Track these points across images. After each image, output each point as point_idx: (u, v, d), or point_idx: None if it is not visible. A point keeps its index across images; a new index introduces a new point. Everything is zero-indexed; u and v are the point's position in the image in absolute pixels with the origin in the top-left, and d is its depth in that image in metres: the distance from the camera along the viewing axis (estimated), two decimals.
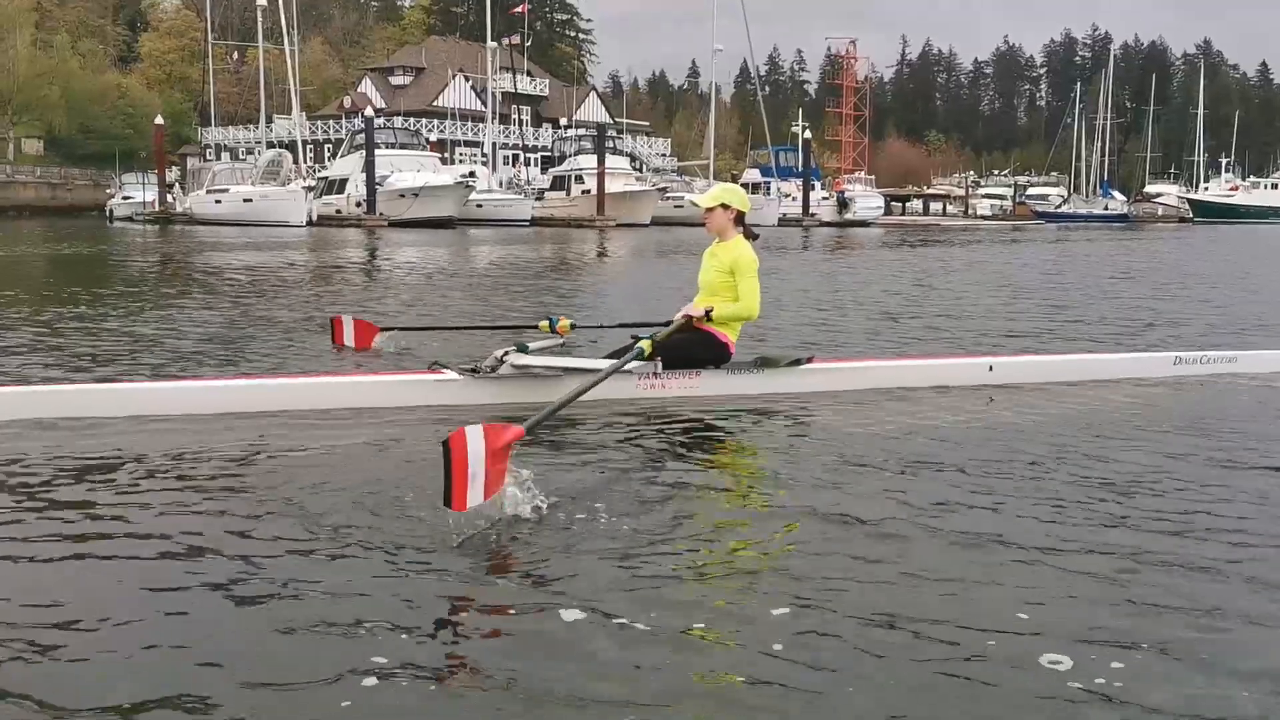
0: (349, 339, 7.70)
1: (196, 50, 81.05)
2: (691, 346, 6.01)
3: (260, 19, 54.15)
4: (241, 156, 64.56)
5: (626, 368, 5.44)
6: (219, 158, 65.26)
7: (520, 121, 68.05)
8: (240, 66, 71.08)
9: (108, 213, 55.30)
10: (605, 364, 5.52)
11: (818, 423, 5.62)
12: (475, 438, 3.50)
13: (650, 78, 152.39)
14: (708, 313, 5.93)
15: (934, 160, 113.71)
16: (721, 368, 6.09)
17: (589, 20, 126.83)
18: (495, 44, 58.13)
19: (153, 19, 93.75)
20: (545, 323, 6.56)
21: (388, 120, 56.61)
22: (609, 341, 6.70)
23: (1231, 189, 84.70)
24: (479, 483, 3.47)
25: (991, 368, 6.78)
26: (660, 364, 5.86)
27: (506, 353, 5.74)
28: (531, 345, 5.96)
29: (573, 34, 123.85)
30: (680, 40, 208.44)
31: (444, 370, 5.79)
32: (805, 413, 5.79)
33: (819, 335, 9.30)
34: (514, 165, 65.19)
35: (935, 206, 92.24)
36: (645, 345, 5.47)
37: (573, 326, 6.47)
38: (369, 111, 47.66)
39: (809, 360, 6.39)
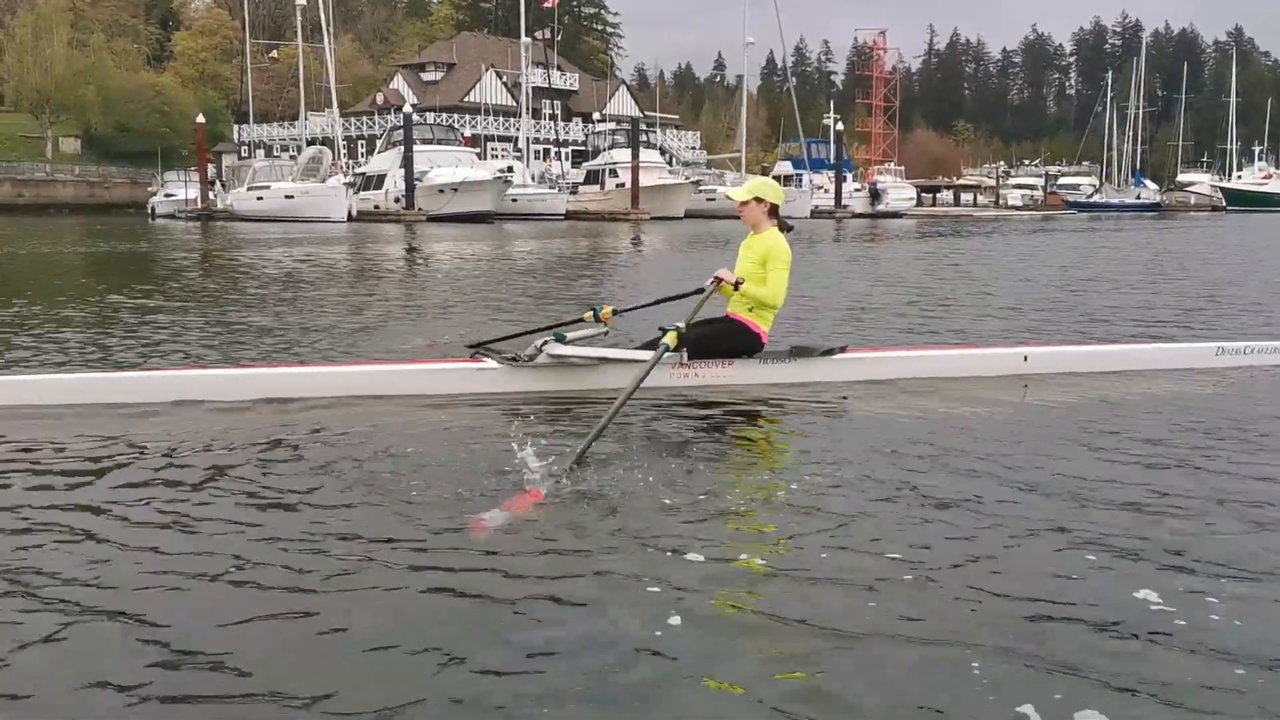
0: None
1: (229, 48, 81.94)
2: (724, 337, 6.08)
3: (300, 18, 54.78)
4: (276, 153, 65.18)
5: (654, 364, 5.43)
6: (253, 155, 65.94)
7: (554, 116, 68.38)
8: (273, 64, 71.82)
9: (149, 210, 56.02)
10: (636, 354, 5.67)
11: (851, 411, 5.61)
12: (496, 521, 3.53)
13: (676, 70, 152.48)
14: (738, 283, 6.00)
15: (963, 151, 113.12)
16: (754, 357, 6.15)
17: (616, 14, 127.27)
18: (529, 39, 58.44)
19: (185, 18, 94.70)
20: (589, 314, 6.61)
21: (421, 116, 57.07)
22: (649, 326, 6.73)
23: (1265, 177, 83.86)
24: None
25: (1026, 358, 6.70)
26: (685, 354, 5.87)
27: (545, 342, 5.86)
28: (571, 335, 6.05)
29: (600, 27, 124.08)
30: (705, 32, 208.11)
31: (485, 359, 5.97)
32: (838, 401, 5.78)
33: (853, 325, 9.26)
34: (545, 160, 65.57)
35: (966, 197, 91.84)
36: (670, 339, 5.50)
37: (615, 312, 6.51)
38: (407, 108, 48.09)
39: (843, 350, 6.39)
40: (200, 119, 52.28)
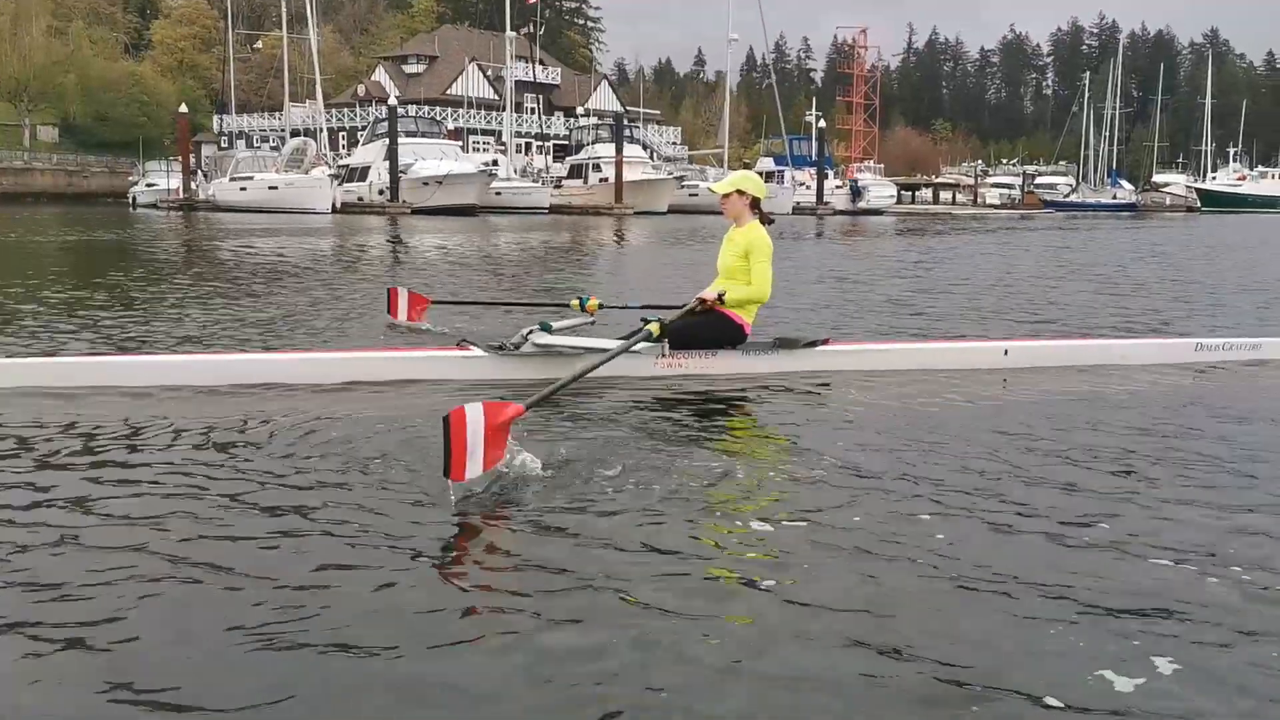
0: (402, 312, 8.07)
1: (208, 38, 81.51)
2: (707, 328, 6.14)
3: (285, 8, 54.65)
4: (257, 144, 64.90)
5: (635, 348, 5.64)
6: (234, 145, 65.65)
7: (538, 110, 68.44)
8: (253, 54, 71.49)
9: (130, 200, 55.79)
10: (616, 344, 5.72)
11: (832, 403, 5.64)
12: (475, 415, 3.68)
13: (656, 65, 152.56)
14: (720, 296, 6.11)
15: (941, 149, 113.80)
16: (737, 348, 6.22)
17: (598, 8, 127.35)
18: (514, 34, 58.49)
19: (163, 7, 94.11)
20: (575, 301, 6.74)
21: (405, 109, 56.99)
22: (633, 322, 6.69)
23: (1239, 179, 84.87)
24: (478, 456, 3.66)
25: (1007, 351, 6.75)
26: (667, 345, 5.98)
27: (531, 331, 5.98)
28: (557, 324, 6.16)
29: (581, 22, 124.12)
30: (685, 27, 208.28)
31: (471, 347, 6.04)
32: (819, 393, 5.82)
33: (836, 318, 9.35)
34: (526, 154, 65.59)
35: (945, 196, 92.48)
36: (654, 327, 5.67)
37: (600, 306, 6.59)
38: (392, 100, 48.06)
39: (825, 342, 6.47)
40: (183, 109, 52.09)
